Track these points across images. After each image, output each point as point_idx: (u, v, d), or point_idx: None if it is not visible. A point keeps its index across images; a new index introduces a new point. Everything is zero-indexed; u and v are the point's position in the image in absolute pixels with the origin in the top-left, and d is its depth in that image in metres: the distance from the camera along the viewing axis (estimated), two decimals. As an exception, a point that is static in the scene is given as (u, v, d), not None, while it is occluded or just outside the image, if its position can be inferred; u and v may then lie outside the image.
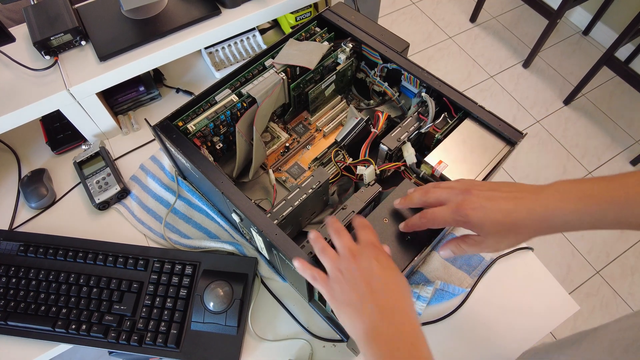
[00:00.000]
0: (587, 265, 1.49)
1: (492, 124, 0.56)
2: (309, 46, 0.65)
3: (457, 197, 0.42)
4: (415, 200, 0.47)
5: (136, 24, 0.73)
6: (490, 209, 0.40)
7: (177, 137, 0.56)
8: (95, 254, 0.64)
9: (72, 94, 0.67)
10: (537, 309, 0.62)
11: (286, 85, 0.65)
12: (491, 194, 0.41)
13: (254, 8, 0.76)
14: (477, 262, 0.64)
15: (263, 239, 0.51)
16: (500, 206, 0.40)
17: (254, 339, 0.60)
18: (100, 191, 0.70)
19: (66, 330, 0.59)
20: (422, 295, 0.59)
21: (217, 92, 0.61)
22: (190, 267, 0.63)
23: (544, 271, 0.65)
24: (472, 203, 0.41)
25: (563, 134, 1.78)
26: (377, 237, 0.44)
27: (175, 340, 0.58)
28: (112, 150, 0.78)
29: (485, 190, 0.42)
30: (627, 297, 1.43)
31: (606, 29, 1.99)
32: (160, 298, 0.61)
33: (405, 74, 0.64)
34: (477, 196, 0.41)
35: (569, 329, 1.37)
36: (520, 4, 2.16)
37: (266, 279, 0.65)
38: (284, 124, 0.72)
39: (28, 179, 0.72)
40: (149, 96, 0.83)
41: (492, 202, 0.40)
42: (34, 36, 0.67)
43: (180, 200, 0.71)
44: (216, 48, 0.88)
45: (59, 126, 0.79)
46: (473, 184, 0.43)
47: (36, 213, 0.72)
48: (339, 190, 0.66)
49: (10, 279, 0.63)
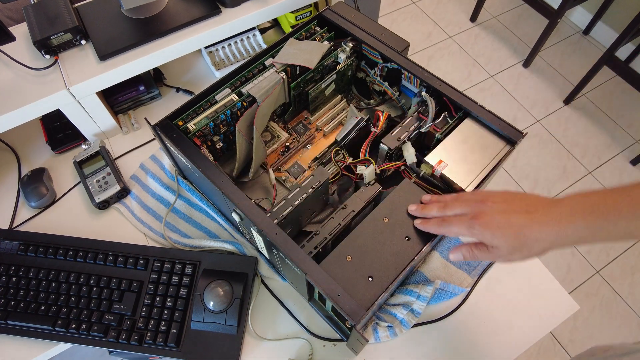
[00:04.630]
0: (587, 265, 1.49)
1: (492, 124, 0.56)
2: (309, 45, 0.65)
3: (472, 210, 0.43)
4: (433, 213, 0.48)
5: (136, 23, 0.73)
6: (503, 224, 0.41)
7: (177, 137, 0.56)
8: (95, 254, 0.64)
9: (72, 93, 0.67)
10: (537, 309, 0.62)
11: (286, 84, 0.65)
12: (505, 206, 0.42)
13: (254, 7, 0.76)
14: (477, 262, 0.64)
15: (263, 238, 0.51)
16: (512, 221, 0.40)
17: (254, 338, 0.60)
18: (100, 190, 0.70)
19: (66, 329, 0.59)
20: (422, 295, 0.59)
21: (217, 91, 0.61)
22: (190, 266, 0.63)
23: (544, 271, 0.65)
24: (485, 216, 0.42)
25: (563, 134, 1.77)
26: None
27: (175, 340, 0.58)
28: (112, 149, 0.78)
29: (499, 203, 0.42)
30: (627, 297, 1.43)
31: (606, 28, 1.99)
32: (160, 297, 0.61)
33: (405, 74, 0.64)
34: (491, 209, 0.42)
35: (569, 328, 1.38)
36: (521, 4, 2.16)
37: (266, 279, 0.65)
38: (284, 123, 0.72)
39: (28, 178, 0.72)
40: (149, 95, 0.83)
41: (505, 216, 0.41)
42: (34, 35, 0.67)
43: (181, 200, 0.71)
44: (216, 47, 0.88)
45: (59, 125, 0.79)
46: (488, 196, 0.44)
47: (36, 212, 0.72)
48: (339, 190, 0.66)
49: (10, 278, 0.63)
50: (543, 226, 0.39)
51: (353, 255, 0.50)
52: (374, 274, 0.48)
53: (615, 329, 1.38)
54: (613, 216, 0.36)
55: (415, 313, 0.59)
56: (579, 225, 0.38)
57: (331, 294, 0.45)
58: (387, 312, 0.59)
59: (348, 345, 0.57)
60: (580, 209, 0.38)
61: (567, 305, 0.62)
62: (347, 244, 0.51)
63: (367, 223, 0.52)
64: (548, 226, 0.39)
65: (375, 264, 0.49)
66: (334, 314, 0.54)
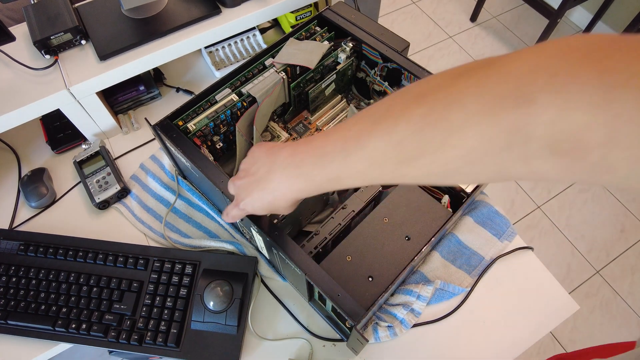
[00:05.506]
0: (587, 265, 1.49)
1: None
2: (309, 45, 0.65)
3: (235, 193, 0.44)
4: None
5: (136, 23, 0.73)
6: (251, 200, 0.41)
7: (177, 137, 0.56)
8: (95, 253, 0.64)
9: (72, 93, 0.67)
10: (537, 309, 0.62)
11: (286, 84, 0.65)
12: (244, 183, 0.42)
13: (254, 7, 0.76)
14: (477, 262, 0.64)
15: (263, 238, 0.51)
16: (255, 195, 0.41)
17: (254, 338, 0.60)
18: (100, 190, 0.70)
19: (66, 329, 0.59)
20: (422, 295, 0.59)
21: (217, 91, 0.61)
22: (190, 266, 0.63)
23: (544, 271, 0.65)
24: (238, 197, 0.43)
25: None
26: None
27: (175, 340, 0.58)
28: (112, 149, 0.78)
29: (241, 180, 0.42)
30: (627, 297, 1.43)
31: (606, 28, 1.99)
32: (160, 297, 0.61)
33: (405, 74, 0.64)
34: (240, 188, 0.42)
35: (569, 328, 1.38)
36: (521, 4, 2.16)
37: (266, 279, 0.65)
38: (284, 123, 0.72)
39: (28, 178, 0.72)
40: (149, 95, 0.83)
41: (248, 192, 0.41)
42: (34, 35, 0.67)
43: (181, 200, 0.71)
44: (216, 47, 0.88)
45: (59, 125, 0.79)
46: (237, 175, 0.44)
47: (36, 212, 0.72)
48: (339, 190, 0.66)
49: (10, 278, 0.63)
50: (269, 183, 0.39)
51: (353, 255, 0.50)
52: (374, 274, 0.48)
53: (615, 329, 1.38)
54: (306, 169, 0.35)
55: (415, 313, 0.59)
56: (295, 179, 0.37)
57: (331, 294, 0.45)
58: (387, 312, 0.59)
59: (348, 345, 0.58)
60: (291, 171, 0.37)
61: (567, 305, 0.62)
62: (347, 244, 0.51)
63: (367, 223, 0.52)
64: (273, 183, 0.39)
65: (375, 264, 0.49)
66: (334, 314, 0.54)
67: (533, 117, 0.22)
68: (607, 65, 0.20)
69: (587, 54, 0.21)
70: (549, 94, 0.21)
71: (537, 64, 0.23)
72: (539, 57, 0.23)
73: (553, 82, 0.21)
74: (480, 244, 0.65)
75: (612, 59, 0.20)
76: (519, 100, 0.22)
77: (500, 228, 0.66)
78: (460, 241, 0.65)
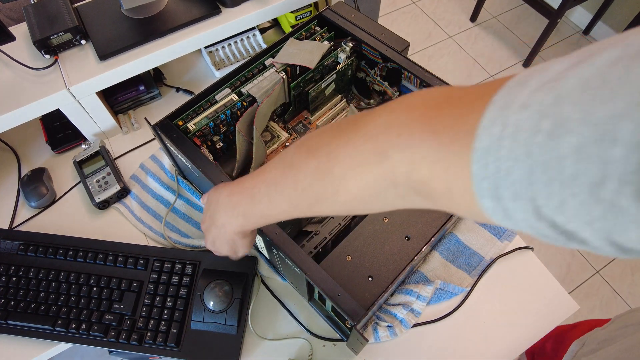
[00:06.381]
0: (587, 264, 1.49)
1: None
2: (309, 45, 0.65)
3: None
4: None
5: (136, 23, 0.73)
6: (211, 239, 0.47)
7: (177, 137, 0.56)
8: (95, 253, 0.64)
9: (72, 93, 0.67)
10: (537, 309, 0.62)
11: (286, 84, 0.65)
12: (205, 227, 0.47)
13: (254, 7, 0.76)
14: (477, 262, 0.64)
15: (263, 238, 0.51)
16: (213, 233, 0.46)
17: (254, 338, 0.60)
18: (100, 190, 0.70)
19: (66, 329, 0.59)
20: (422, 295, 0.59)
21: (217, 91, 0.61)
22: (190, 266, 0.63)
23: (544, 271, 0.65)
24: (206, 240, 0.48)
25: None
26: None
27: (175, 340, 0.58)
28: (112, 149, 0.78)
29: (203, 224, 0.47)
30: (627, 297, 1.43)
31: (607, 28, 1.99)
32: (160, 297, 0.61)
33: (405, 73, 0.64)
34: (205, 232, 0.47)
35: (569, 328, 1.38)
36: (521, 4, 2.16)
37: (266, 278, 0.65)
38: (284, 123, 0.72)
39: (28, 178, 0.72)
40: (149, 95, 0.83)
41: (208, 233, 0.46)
42: (34, 35, 0.67)
43: (180, 200, 0.71)
44: (216, 47, 0.88)
45: (59, 125, 0.79)
46: (202, 220, 0.48)
47: (36, 212, 0.72)
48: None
49: (10, 278, 0.62)
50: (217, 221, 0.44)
51: (353, 255, 0.50)
52: (374, 274, 0.48)
53: (615, 328, 1.38)
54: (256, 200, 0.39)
55: (415, 313, 0.59)
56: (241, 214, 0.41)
57: (331, 294, 0.45)
58: (387, 312, 0.59)
59: (348, 345, 0.58)
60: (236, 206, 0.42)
61: (567, 305, 0.62)
62: (347, 244, 0.51)
63: (367, 223, 0.52)
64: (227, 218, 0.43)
65: (375, 264, 0.49)
66: (334, 314, 0.54)
67: (392, 170, 0.26)
68: (437, 126, 0.23)
69: (423, 114, 0.25)
70: (399, 151, 0.25)
71: (388, 122, 0.27)
72: (389, 116, 0.27)
73: (399, 142, 0.25)
74: (480, 244, 0.65)
75: (442, 117, 0.23)
76: (379, 157, 0.27)
77: (500, 228, 0.66)
78: (460, 241, 0.65)
